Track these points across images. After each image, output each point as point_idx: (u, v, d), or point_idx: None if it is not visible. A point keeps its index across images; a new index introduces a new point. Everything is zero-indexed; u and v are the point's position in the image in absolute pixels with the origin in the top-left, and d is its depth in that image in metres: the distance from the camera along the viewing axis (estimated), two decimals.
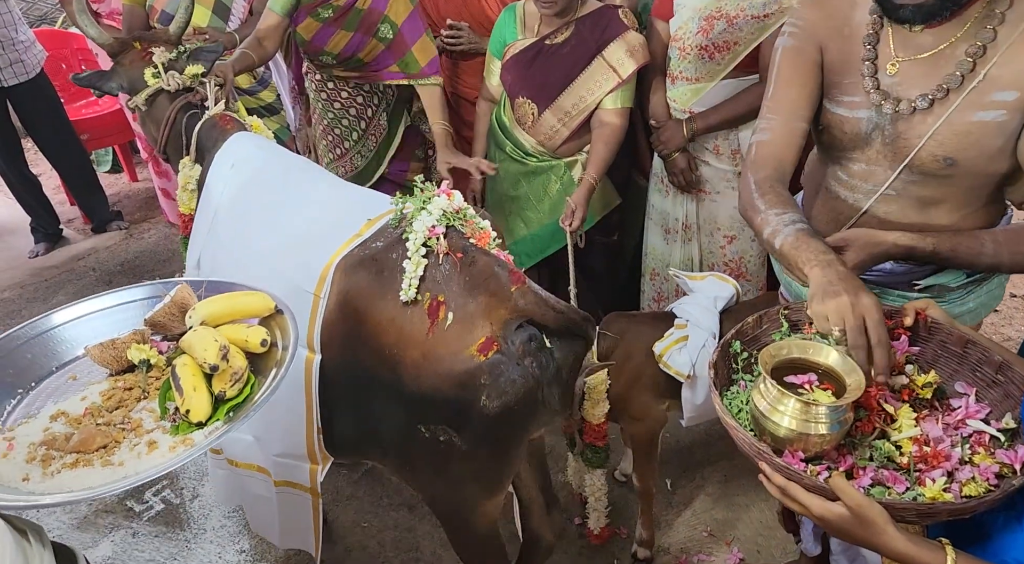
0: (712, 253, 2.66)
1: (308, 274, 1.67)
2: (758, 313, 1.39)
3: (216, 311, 1.40)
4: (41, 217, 4.51)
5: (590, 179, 2.50)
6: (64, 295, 4.07)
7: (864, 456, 1.17)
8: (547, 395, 1.50)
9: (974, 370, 1.24)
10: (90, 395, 1.35)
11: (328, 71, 2.85)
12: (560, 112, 2.54)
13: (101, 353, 1.38)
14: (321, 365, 1.68)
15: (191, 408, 1.24)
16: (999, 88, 1.31)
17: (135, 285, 1.56)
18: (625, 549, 2.41)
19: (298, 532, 2.03)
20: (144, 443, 1.24)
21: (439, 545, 2.47)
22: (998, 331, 3.36)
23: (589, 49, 2.45)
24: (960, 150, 1.37)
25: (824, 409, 1.11)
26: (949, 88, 1.35)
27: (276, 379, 1.29)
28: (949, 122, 1.36)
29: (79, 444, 1.22)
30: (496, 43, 2.63)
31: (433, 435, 1.55)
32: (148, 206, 4.98)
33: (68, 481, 1.17)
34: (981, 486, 1.08)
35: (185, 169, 2.18)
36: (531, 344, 1.47)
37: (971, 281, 1.54)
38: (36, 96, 4.07)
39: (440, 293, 1.52)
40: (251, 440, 1.93)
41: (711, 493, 2.61)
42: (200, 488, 2.75)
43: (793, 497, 1.09)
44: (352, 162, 3.02)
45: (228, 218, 1.98)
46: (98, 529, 2.61)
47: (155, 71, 2.21)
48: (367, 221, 1.72)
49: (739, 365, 1.33)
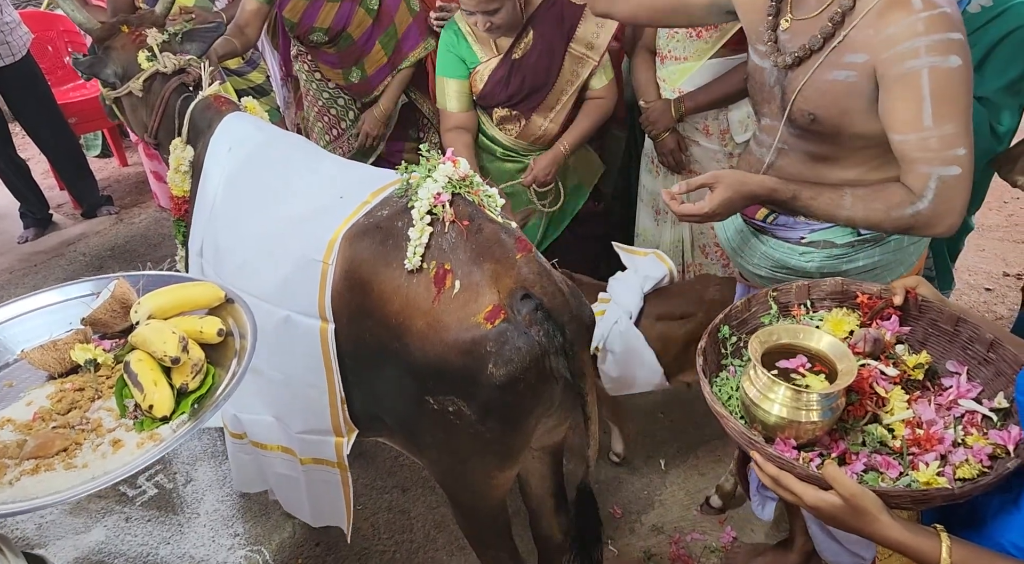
0: (703, 234, 2.64)
1: (316, 244, 1.66)
2: (747, 297, 1.39)
3: (164, 304, 1.38)
4: (30, 202, 4.46)
5: (561, 146, 2.52)
6: (54, 281, 4.03)
7: (856, 441, 1.16)
8: (554, 365, 1.48)
9: (965, 348, 1.24)
10: (35, 399, 1.32)
11: (316, 63, 2.88)
12: (546, 111, 2.54)
13: (42, 356, 1.35)
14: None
15: (154, 403, 1.22)
16: (852, 51, 1.42)
17: (64, 284, 1.52)
18: (619, 528, 2.42)
19: (329, 509, 2.02)
20: (107, 443, 1.22)
21: (432, 527, 2.48)
22: (990, 309, 3.36)
23: (557, 48, 2.43)
24: (820, 107, 1.49)
25: (816, 396, 1.11)
26: (812, 48, 1.47)
27: (242, 368, 1.27)
28: (812, 80, 1.48)
29: (37, 449, 1.19)
30: (451, 65, 2.54)
31: (442, 407, 1.54)
32: (138, 191, 4.94)
33: (31, 488, 1.14)
34: (974, 468, 1.07)
35: (177, 151, 2.15)
36: (537, 313, 1.45)
37: (861, 239, 1.59)
38: (23, 79, 4.02)
39: (446, 261, 1.51)
40: (272, 421, 1.93)
41: (705, 473, 2.62)
42: (193, 472, 2.75)
43: (786, 487, 1.08)
44: (349, 143, 3.02)
45: (229, 201, 1.96)
46: (90, 514, 2.61)
47: (149, 55, 2.17)
48: (373, 191, 1.73)
49: (728, 350, 1.33)
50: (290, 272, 1.70)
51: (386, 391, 1.67)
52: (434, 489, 2.60)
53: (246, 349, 1.31)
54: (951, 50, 1.33)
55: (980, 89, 2.03)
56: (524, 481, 1.92)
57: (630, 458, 2.64)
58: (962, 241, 2.61)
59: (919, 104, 1.35)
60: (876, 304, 1.31)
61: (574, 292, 1.54)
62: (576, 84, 2.49)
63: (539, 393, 1.53)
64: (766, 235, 1.69)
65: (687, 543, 2.37)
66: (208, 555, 2.44)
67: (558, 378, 1.50)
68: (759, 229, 1.70)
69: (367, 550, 2.40)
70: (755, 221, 1.70)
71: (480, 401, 1.49)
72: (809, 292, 1.39)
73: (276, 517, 2.50)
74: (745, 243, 1.73)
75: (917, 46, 1.33)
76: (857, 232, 1.58)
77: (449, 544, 2.42)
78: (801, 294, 1.39)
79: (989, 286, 3.51)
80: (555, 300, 1.46)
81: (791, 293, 1.38)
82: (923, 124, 1.36)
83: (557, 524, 1.97)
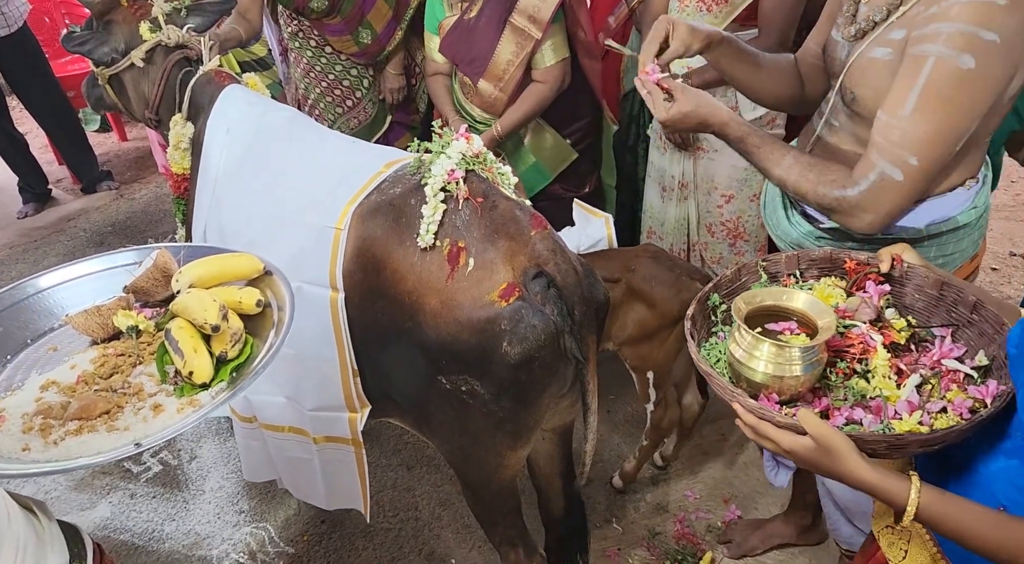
0: (709, 212, 2.62)
1: (330, 212, 1.65)
2: (737, 266, 1.40)
3: (204, 274, 1.38)
4: (29, 177, 4.43)
5: (495, 129, 2.50)
6: (55, 257, 4.02)
7: (839, 397, 1.19)
8: (569, 344, 1.46)
9: (949, 311, 1.25)
10: (79, 363, 1.33)
11: (324, 36, 2.85)
12: (493, 79, 2.49)
13: (85, 321, 1.36)
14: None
15: (194, 370, 1.23)
16: (899, 27, 1.34)
17: (109, 252, 1.53)
18: (624, 507, 2.43)
19: (344, 489, 2.00)
20: (148, 407, 1.23)
21: (437, 504, 2.48)
22: (997, 289, 3.35)
23: (499, 15, 2.39)
24: (859, 85, 1.42)
25: (797, 351, 1.13)
26: (875, 20, 1.39)
27: (279, 340, 1.28)
28: (860, 56, 1.41)
29: (80, 411, 1.21)
30: (430, 20, 2.60)
31: (455, 386, 1.53)
32: (139, 165, 4.90)
33: (74, 448, 1.16)
34: (952, 420, 1.09)
35: (177, 127, 2.12)
36: (549, 291, 1.43)
37: (881, 239, 1.50)
38: (19, 51, 3.97)
39: (460, 239, 1.49)
40: (283, 401, 1.91)
41: (709, 451, 2.62)
42: (198, 450, 2.75)
43: (764, 435, 1.11)
44: (365, 110, 3.01)
45: (232, 183, 1.94)
46: (95, 491, 2.62)
47: (151, 26, 2.14)
48: (386, 163, 1.71)
49: (719, 317, 1.34)
50: (302, 242, 1.68)
51: (398, 371, 1.66)
52: (439, 467, 2.60)
53: (283, 322, 1.31)
54: (971, 48, 1.23)
55: None
56: (532, 461, 1.91)
57: (635, 437, 2.64)
58: None
59: (909, 90, 1.29)
60: (863, 270, 1.31)
61: (588, 272, 1.52)
62: (521, 56, 2.42)
63: (553, 372, 1.51)
64: (794, 209, 1.65)
65: (691, 521, 2.37)
66: (213, 532, 2.45)
67: (572, 358, 1.48)
68: (792, 201, 1.66)
69: (372, 527, 2.40)
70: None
71: (494, 380, 1.48)
72: (799, 262, 1.39)
73: (281, 494, 2.50)
74: (775, 212, 1.71)
75: (940, 31, 1.25)
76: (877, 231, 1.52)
77: (454, 521, 2.42)
78: (791, 264, 1.39)
79: (995, 266, 3.49)
80: (567, 279, 1.44)
81: (781, 263, 1.39)
82: (901, 111, 1.30)
83: (565, 504, 1.96)
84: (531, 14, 2.36)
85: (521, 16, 2.38)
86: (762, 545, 2.25)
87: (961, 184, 1.49)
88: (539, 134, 2.62)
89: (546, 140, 2.63)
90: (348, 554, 2.35)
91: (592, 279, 1.53)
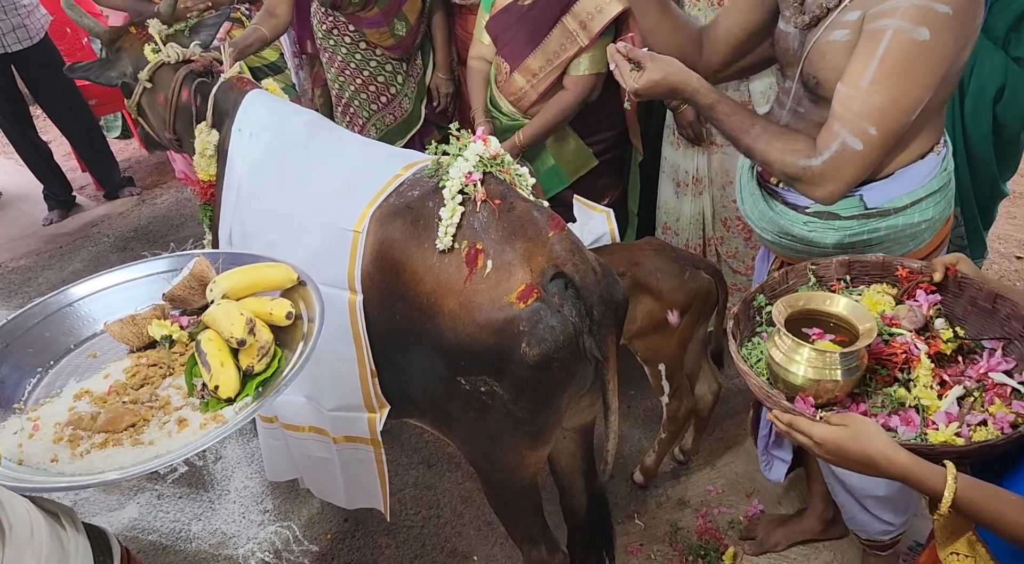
0: (724, 207, 2.61)
1: (348, 215, 1.67)
2: (784, 269, 1.38)
3: (238, 284, 1.39)
4: (53, 184, 4.50)
5: (516, 137, 2.49)
6: (80, 262, 4.08)
7: (876, 403, 1.18)
8: (588, 345, 1.46)
9: (1003, 325, 1.23)
10: (113, 372, 1.35)
11: (360, 32, 2.87)
12: (528, 73, 2.47)
13: (121, 329, 1.37)
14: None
15: (220, 384, 1.23)
16: (853, 8, 1.37)
17: (149, 258, 1.55)
18: (646, 502, 2.42)
19: (364, 489, 2.02)
20: (174, 421, 1.24)
21: (459, 501, 2.49)
22: (1022, 278, 3.30)
23: (553, 12, 2.37)
24: (820, 70, 1.45)
25: (837, 356, 1.13)
26: (828, 7, 1.41)
27: (306, 353, 1.28)
28: (818, 41, 1.44)
29: (107, 423, 1.22)
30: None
31: (474, 387, 1.53)
32: (159, 171, 4.96)
33: (98, 461, 1.18)
34: (991, 433, 1.08)
35: (202, 135, 2.16)
36: (568, 292, 1.44)
37: (865, 214, 1.52)
38: (41, 61, 4.03)
39: (478, 241, 1.50)
40: (303, 401, 1.93)
41: (730, 446, 2.61)
42: (223, 450, 2.79)
43: (799, 429, 1.12)
44: (401, 106, 3.03)
45: (254, 187, 1.96)
46: (123, 492, 2.66)
47: (154, 47, 2.20)
48: (404, 165, 1.72)
49: (763, 318, 1.34)
50: (320, 245, 1.70)
51: (417, 372, 1.67)
52: (460, 464, 2.61)
53: (312, 334, 1.31)
54: (926, 21, 1.27)
55: (1018, 50, 1.98)
56: (554, 459, 1.92)
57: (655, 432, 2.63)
58: (995, 209, 2.54)
59: (868, 63, 1.32)
60: (915, 279, 1.30)
61: (607, 272, 1.52)
62: (562, 58, 2.40)
63: (572, 373, 1.52)
64: (775, 200, 1.65)
65: (714, 516, 2.37)
66: (239, 531, 2.48)
67: (591, 358, 1.49)
68: (771, 193, 1.67)
69: (395, 525, 2.42)
70: (768, 184, 1.68)
71: (513, 381, 1.49)
72: (850, 267, 1.38)
73: (305, 493, 2.53)
74: (756, 205, 1.71)
75: (897, 5, 1.29)
76: (863, 206, 1.52)
77: (476, 519, 2.43)
78: (841, 269, 1.38)
79: (1020, 254, 3.44)
80: (586, 279, 1.44)
81: (831, 267, 1.38)
82: (861, 82, 1.33)
83: (588, 501, 1.96)
84: (584, 20, 2.35)
85: (574, 19, 2.36)
86: (786, 541, 2.23)
87: (930, 150, 1.51)
88: (562, 138, 2.60)
89: (568, 144, 2.61)
90: (371, 552, 2.37)
91: (611, 279, 1.53)
